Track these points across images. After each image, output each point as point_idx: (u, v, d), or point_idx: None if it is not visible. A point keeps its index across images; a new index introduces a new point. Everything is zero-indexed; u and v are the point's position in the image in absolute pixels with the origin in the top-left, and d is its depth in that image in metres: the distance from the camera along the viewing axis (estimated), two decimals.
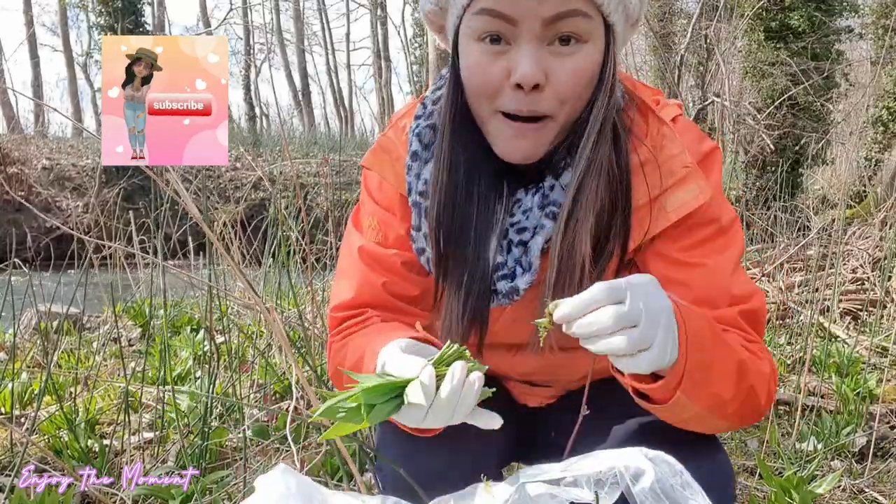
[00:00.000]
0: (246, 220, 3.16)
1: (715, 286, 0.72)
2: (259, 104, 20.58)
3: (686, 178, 0.72)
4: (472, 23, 0.67)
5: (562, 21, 0.65)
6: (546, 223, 0.73)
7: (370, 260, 0.82)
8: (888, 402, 1.87)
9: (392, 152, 0.81)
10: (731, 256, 0.74)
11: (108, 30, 9.86)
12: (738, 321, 0.71)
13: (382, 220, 0.82)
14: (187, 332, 2.53)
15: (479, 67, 0.68)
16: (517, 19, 0.65)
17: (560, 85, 0.67)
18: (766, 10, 7.62)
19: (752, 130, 7.37)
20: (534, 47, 0.66)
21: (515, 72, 0.66)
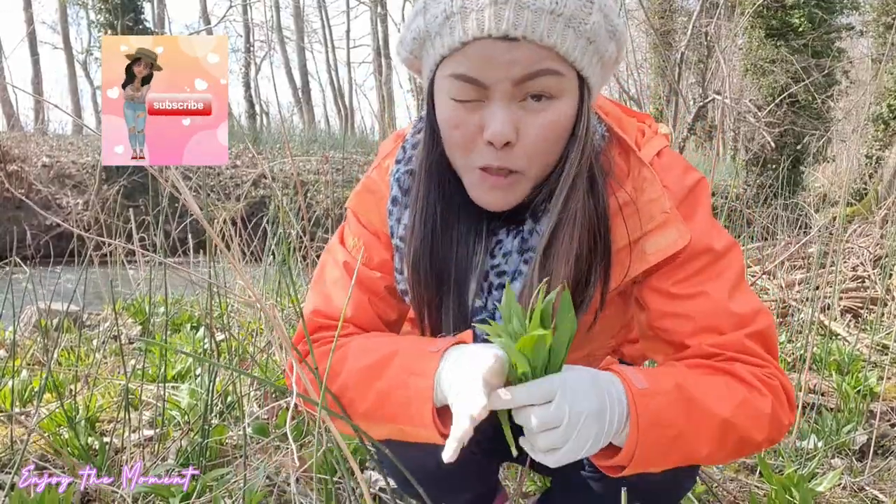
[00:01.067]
0: (246, 218, 3.15)
1: (716, 313, 0.72)
2: (259, 102, 20.57)
3: (665, 223, 0.72)
4: (445, 84, 0.68)
5: (532, 80, 0.65)
6: (524, 269, 0.74)
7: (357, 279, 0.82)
8: (889, 399, 1.88)
9: (376, 193, 0.82)
10: (729, 279, 0.73)
11: (107, 27, 9.83)
12: (744, 345, 0.71)
13: (368, 243, 0.83)
14: (187, 329, 2.53)
15: (453, 123, 0.69)
16: (488, 84, 0.65)
17: (530, 141, 0.67)
18: (766, 7, 7.60)
19: (752, 128, 7.36)
20: (505, 105, 0.66)
21: (487, 129, 0.66)
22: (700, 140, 9.47)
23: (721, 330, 0.71)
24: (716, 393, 0.67)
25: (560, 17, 0.63)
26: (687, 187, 0.75)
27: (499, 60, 0.64)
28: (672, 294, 0.73)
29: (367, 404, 0.72)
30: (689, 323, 0.72)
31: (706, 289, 0.73)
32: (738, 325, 0.72)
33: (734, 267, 0.74)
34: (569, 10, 0.63)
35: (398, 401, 0.69)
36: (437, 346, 0.69)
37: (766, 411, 0.69)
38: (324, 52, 24.27)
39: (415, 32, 0.69)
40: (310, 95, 21.26)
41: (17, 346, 2.19)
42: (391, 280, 0.82)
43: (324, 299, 0.83)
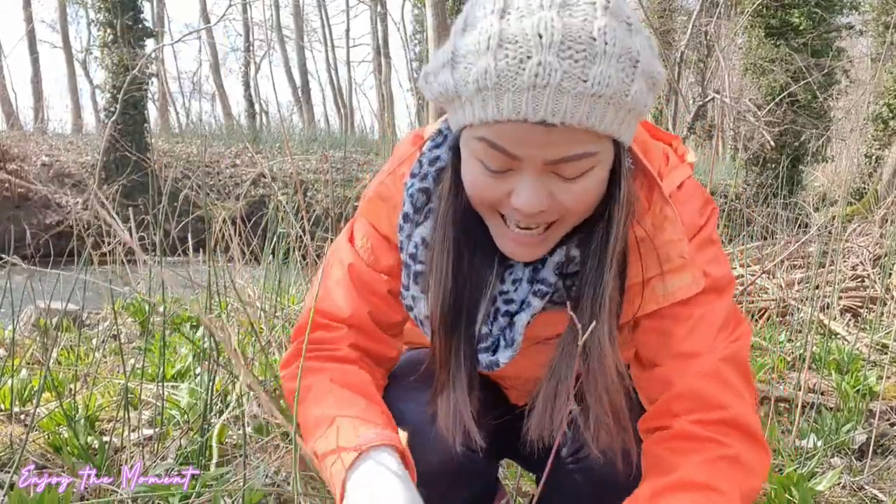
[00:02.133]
0: (246, 217, 3.15)
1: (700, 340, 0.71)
2: (259, 101, 20.56)
3: (682, 267, 0.71)
4: (473, 144, 0.64)
5: (567, 163, 0.61)
6: (534, 301, 0.73)
7: (358, 282, 0.82)
8: (888, 399, 1.88)
9: (389, 201, 0.80)
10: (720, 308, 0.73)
11: (107, 26, 9.79)
12: (719, 371, 0.70)
13: (376, 246, 0.82)
14: (187, 328, 2.53)
15: (479, 185, 0.66)
16: (520, 158, 0.62)
17: (564, 206, 0.65)
18: (766, 6, 7.60)
19: (752, 127, 7.36)
20: (537, 178, 0.63)
21: (517, 198, 0.63)
22: (700, 139, 9.47)
23: (698, 355, 0.71)
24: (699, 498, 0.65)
25: (601, 98, 0.58)
26: (697, 226, 0.75)
27: (534, 142, 0.60)
28: (661, 314, 0.73)
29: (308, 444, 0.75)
30: (669, 344, 0.71)
31: (693, 312, 0.72)
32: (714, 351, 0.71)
33: (724, 300, 0.74)
34: (611, 88, 0.58)
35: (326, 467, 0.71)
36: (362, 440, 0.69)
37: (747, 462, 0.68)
38: (323, 51, 24.26)
39: (442, 87, 0.64)
40: (309, 95, 21.27)
41: (17, 345, 2.19)
42: (396, 284, 0.81)
43: (323, 298, 0.83)
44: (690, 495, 0.65)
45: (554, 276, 0.72)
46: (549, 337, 0.76)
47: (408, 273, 0.77)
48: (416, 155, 0.79)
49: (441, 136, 0.76)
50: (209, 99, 23.94)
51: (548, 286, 0.72)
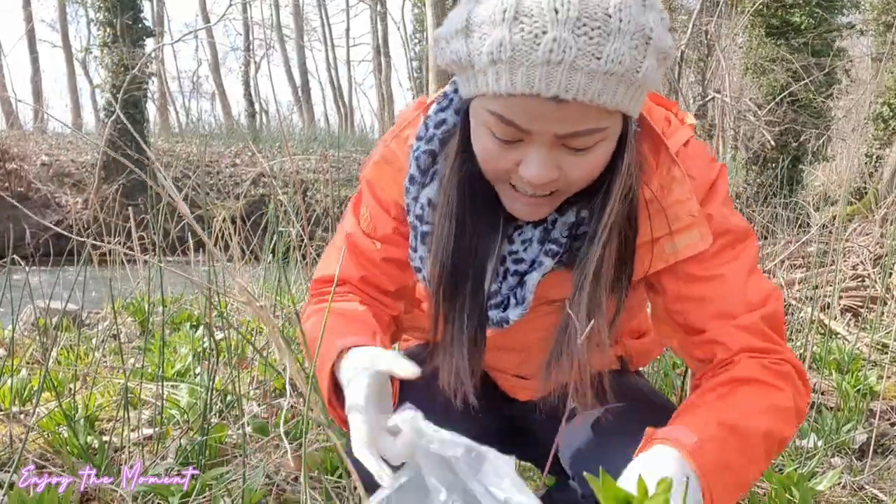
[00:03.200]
0: (245, 216, 3.15)
1: (732, 297, 0.73)
2: (258, 100, 20.55)
3: (690, 225, 0.73)
4: (484, 116, 0.64)
5: (577, 138, 0.62)
6: (545, 260, 0.74)
7: (354, 249, 0.86)
8: (888, 398, 1.87)
9: (394, 164, 0.81)
10: (745, 262, 0.75)
11: (107, 25, 9.79)
12: (760, 327, 0.73)
13: (375, 214, 0.84)
14: (187, 328, 2.53)
15: (488, 154, 0.67)
16: (531, 131, 0.62)
17: (572, 178, 0.66)
18: (766, 6, 7.59)
19: (752, 127, 7.36)
20: (546, 150, 0.63)
21: (526, 169, 0.64)
22: (700, 139, 9.45)
23: (734, 314, 0.73)
24: (748, 410, 0.68)
25: (613, 76, 0.58)
26: (710, 179, 0.76)
27: (545, 117, 0.61)
28: (690, 275, 0.74)
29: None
30: (705, 307, 0.73)
31: (723, 272, 0.74)
32: (751, 307, 0.73)
33: (749, 251, 0.76)
34: (623, 66, 0.58)
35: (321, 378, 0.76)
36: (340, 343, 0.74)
37: (788, 405, 0.70)
38: (323, 50, 24.25)
39: (455, 55, 0.64)
40: (309, 94, 21.25)
41: (16, 344, 2.19)
42: (392, 252, 0.83)
43: (326, 265, 0.89)
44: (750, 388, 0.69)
45: (564, 236, 0.73)
46: (554, 299, 0.78)
47: (415, 234, 0.78)
48: (420, 118, 0.80)
49: (447, 99, 0.77)
50: (209, 98, 23.94)
51: (559, 246, 0.74)
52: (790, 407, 0.70)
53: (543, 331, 0.77)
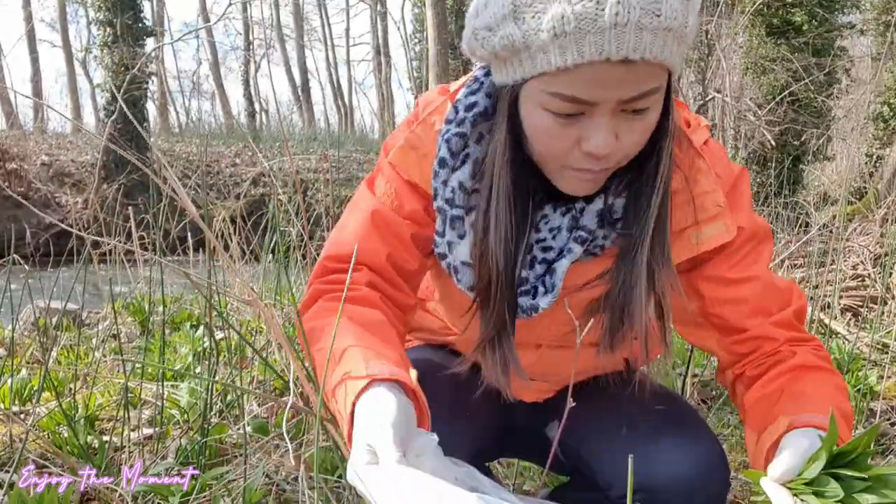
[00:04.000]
0: (246, 216, 3.15)
1: (766, 295, 0.78)
2: (258, 100, 20.55)
3: (717, 216, 0.75)
4: (544, 98, 0.65)
5: (639, 100, 0.64)
6: (574, 247, 0.75)
7: (383, 224, 0.80)
8: (889, 398, 1.87)
9: (420, 149, 0.79)
10: (766, 261, 0.80)
11: (106, 25, 9.79)
12: (792, 321, 0.78)
13: (400, 191, 0.81)
14: (187, 328, 2.53)
15: (548, 135, 0.67)
16: (596, 102, 0.63)
17: (629, 144, 0.67)
18: (767, 5, 7.59)
19: (752, 126, 7.36)
20: (609, 119, 0.64)
21: (588, 142, 0.65)
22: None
23: (770, 311, 0.78)
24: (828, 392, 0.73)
25: (670, 32, 0.60)
26: (734, 176, 0.79)
27: (612, 83, 0.62)
28: (727, 280, 0.78)
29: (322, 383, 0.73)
30: (743, 307, 0.77)
31: (755, 272, 0.78)
32: (783, 304, 0.78)
33: (769, 249, 0.81)
34: (678, 21, 0.61)
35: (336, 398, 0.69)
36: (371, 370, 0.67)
37: (845, 385, 0.77)
38: (323, 50, 24.23)
39: (507, 40, 0.63)
40: (309, 94, 21.25)
41: (17, 344, 2.19)
42: (420, 229, 0.81)
43: (338, 245, 0.81)
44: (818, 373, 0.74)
45: (594, 223, 0.75)
46: (580, 286, 0.79)
47: (443, 219, 0.77)
48: (447, 104, 0.79)
49: (477, 82, 0.76)
50: (209, 98, 23.93)
51: (588, 233, 0.75)
52: (846, 387, 0.77)
53: (563, 325, 0.78)
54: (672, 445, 0.79)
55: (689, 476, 0.77)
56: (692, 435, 0.82)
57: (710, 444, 0.81)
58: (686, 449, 0.79)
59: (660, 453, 0.79)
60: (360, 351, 0.69)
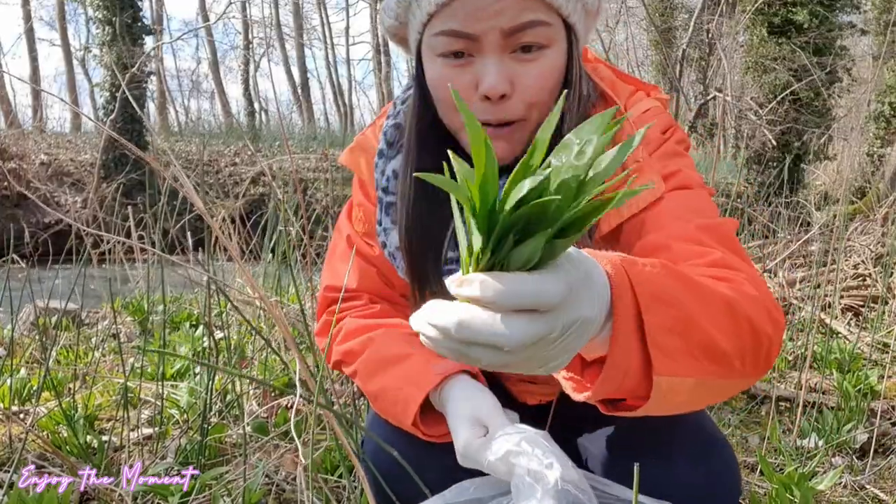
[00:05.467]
0: (245, 216, 3.15)
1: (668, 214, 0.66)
2: (258, 99, 20.55)
3: (640, 169, 0.70)
4: (433, 42, 0.68)
5: (522, 32, 0.65)
6: None
7: (359, 252, 0.86)
8: (890, 398, 1.87)
9: (368, 151, 0.84)
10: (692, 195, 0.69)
11: (105, 24, 9.79)
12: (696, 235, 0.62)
13: (367, 211, 0.85)
14: (186, 327, 2.53)
15: (445, 82, 0.69)
16: (478, 35, 0.65)
17: (527, 91, 0.68)
18: (768, 4, 7.59)
19: (753, 126, 7.35)
20: (497, 58, 0.66)
21: (482, 84, 0.67)
22: (701, 138, 9.46)
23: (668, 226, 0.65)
24: (707, 280, 0.54)
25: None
26: (662, 138, 0.74)
27: (487, 11, 0.64)
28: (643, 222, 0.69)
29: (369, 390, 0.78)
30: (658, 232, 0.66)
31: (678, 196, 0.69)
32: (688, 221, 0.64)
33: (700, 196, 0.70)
34: None
35: (391, 400, 0.74)
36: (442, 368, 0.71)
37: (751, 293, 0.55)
38: (323, 49, 24.23)
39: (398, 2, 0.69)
40: (309, 93, 21.25)
41: (16, 344, 2.19)
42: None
43: (332, 274, 0.87)
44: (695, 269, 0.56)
45: None
46: None
47: (381, 207, 0.80)
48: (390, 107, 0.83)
49: (412, 79, 0.78)
50: (208, 97, 23.93)
51: None
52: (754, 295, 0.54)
53: None
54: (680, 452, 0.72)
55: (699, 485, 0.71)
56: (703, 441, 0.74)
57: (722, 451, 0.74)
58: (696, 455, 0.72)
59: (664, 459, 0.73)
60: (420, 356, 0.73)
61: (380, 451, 0.77)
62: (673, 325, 0.47)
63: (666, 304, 0.47)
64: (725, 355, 0.50)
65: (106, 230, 2.87)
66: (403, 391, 0.72)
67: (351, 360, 0.81)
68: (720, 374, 0.51)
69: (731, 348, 0.51)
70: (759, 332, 0.53)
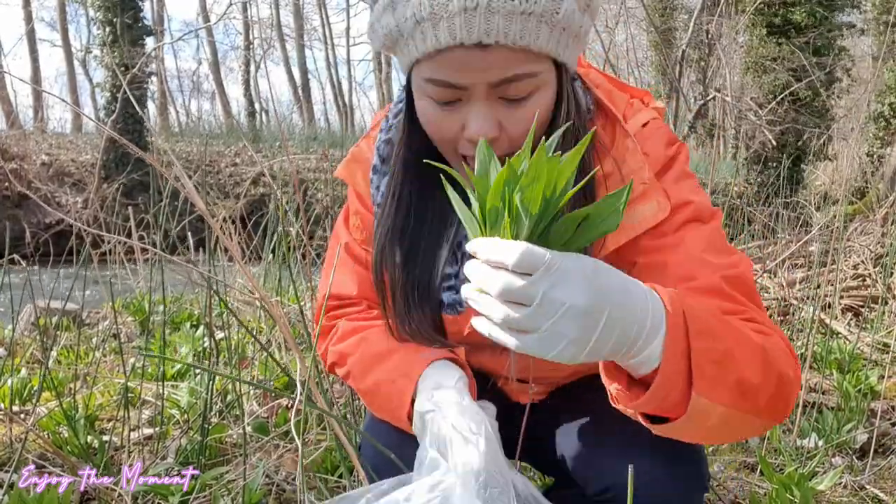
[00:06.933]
0: (246, 216, 3.15)
1: (691, 259, 0.69)
2: (258, 100, 20.56)
3: (645, 194, 0.71)
4: (422, 84, 0.67)
5: (509, 84, 0.64)
6: None
7: (355, 259, 0.87)
8: (889, 398, 1.87)
9: (363, 163, 0.84)
10: (708, 230, 0.71)
11: (106, 24, 9.79)
12: (721, 287, 0.66)
13: (365, 220, 0.85)
14: (187, 328, 2.53)
15: (433, 123, 0.69)
16: (466, 86, 0.65)
17: (514, 133, 0.67)
18: (767, 5, 7.59)
19: (753, 126, 7.36)
20: (484, 104, 0.66)
21: (469, 128, 0.66)
22: (701, 138, 9.47)
23: (694, 276, 0.67)
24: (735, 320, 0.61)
25: (532, 16, 0.61)
26: (667, 156, 0.74)
27: (474, 66, 0.63)
28: (650, 248, 0.72)
29: (361, 387, 0.80)
30: (664, 274, 0.69)
31: (679, 241, 0.70)
32: (713, 270, 0.67)
33: (713, 228, 0.72)
34: (539, 6, 0.61)
35: (385, 394, 0.75)
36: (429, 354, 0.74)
37: (783, 346, 0.63)
38: (323, 49, 24.24)
39: (385, 30, 0.67)
40: (309, 93, 21.25)
41: (17, 344, 2.19)
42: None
43: (333, 283, 0.87)
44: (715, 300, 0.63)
45: None
46: None
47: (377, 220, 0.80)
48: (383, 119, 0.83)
49: (403, 91, 0.78)
50: (209, 98, 23.94)
51: None
52: (785, 349, 0.62)
53: None
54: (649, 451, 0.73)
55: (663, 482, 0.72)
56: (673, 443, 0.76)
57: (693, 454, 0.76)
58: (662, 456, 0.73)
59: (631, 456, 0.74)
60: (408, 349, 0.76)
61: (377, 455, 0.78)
62: (714, 356, 0.55)
63: (711, 337, 0.56)
64: (754, 392, 0.58)
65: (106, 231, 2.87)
66: (397, 384, 0.73)
67: (344, 362, 0.82)
68: (746, 408, 0.58)
69: (760, 387, 0.59)
70: (784, 380, 0.61)
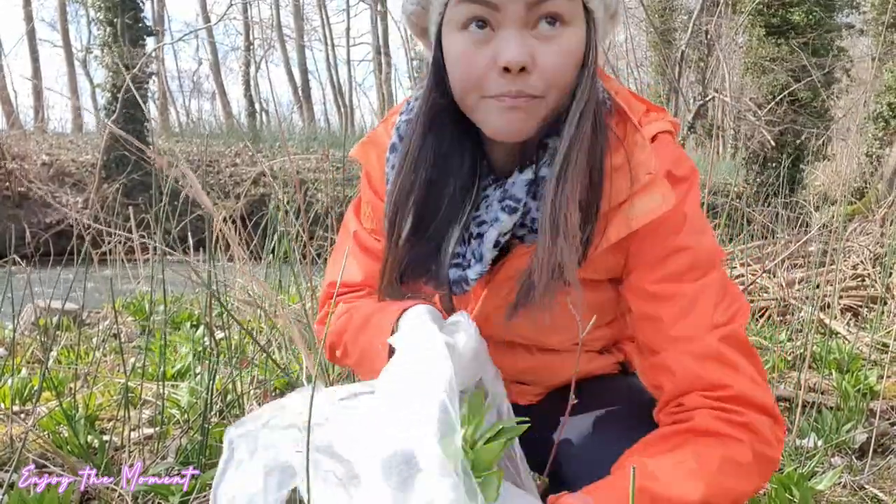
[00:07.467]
0: (246, 216, 3.15)
1: (686, 316, 0.70)
2: (259, 100, 20.56)
3: (650, 184, 0.70)
4: (455, 13, 0.68)
5: (544, 3, 0.65)
6: (501, 216, 0.73)
7: (363, 247, 0.87)
8: (888, 398, 1.87)
9: (380, 146, 0.84)
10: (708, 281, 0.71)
11: (107, 25, 9.80)
12: (720, 353, 0.69)
13: (376, 208, 0.85)
14: (187, 327, 2.53)
15: (465, 56, 0.68)
16: (500, 4, 0.65)
17: (546, 67, 0.67)
18: (766, 5, 7.60)
19: (752, 126, 7.36)
20: (518, 31, 0.66)
21: (501, 56, 0.66)
22: (700, 138, 9.47)
23: (692, 338, 0.69)
24: (684, 474, 0.64)
25: None
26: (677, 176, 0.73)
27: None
28: (649, 294, 0.72)
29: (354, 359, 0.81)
30: (662, 329, 0.70)
31: (684, 290, 0.70)
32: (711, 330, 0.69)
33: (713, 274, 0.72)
34: None
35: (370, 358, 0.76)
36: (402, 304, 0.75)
37: (747, 460, 0.67)
38: (323, 50, 24.24)
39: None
40: (309, 94, 21.25)
41: (17, 344, 2.19)
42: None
43: (336, 270, 0.88)
44: (705, 441, 0.66)
45: (523, 193, 0.73)
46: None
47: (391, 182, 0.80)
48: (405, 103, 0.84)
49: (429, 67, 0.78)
50: (209, 98, 23.94)
51: (516, 202, 0.73)
52: (748, 461, 0.67)
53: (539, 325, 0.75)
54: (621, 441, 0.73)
55: None
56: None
57: None
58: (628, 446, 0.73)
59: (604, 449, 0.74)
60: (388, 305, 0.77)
61: None
62: None
63: None
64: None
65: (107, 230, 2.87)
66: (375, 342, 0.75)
67: (340, 340, 0.84)
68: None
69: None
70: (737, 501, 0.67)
